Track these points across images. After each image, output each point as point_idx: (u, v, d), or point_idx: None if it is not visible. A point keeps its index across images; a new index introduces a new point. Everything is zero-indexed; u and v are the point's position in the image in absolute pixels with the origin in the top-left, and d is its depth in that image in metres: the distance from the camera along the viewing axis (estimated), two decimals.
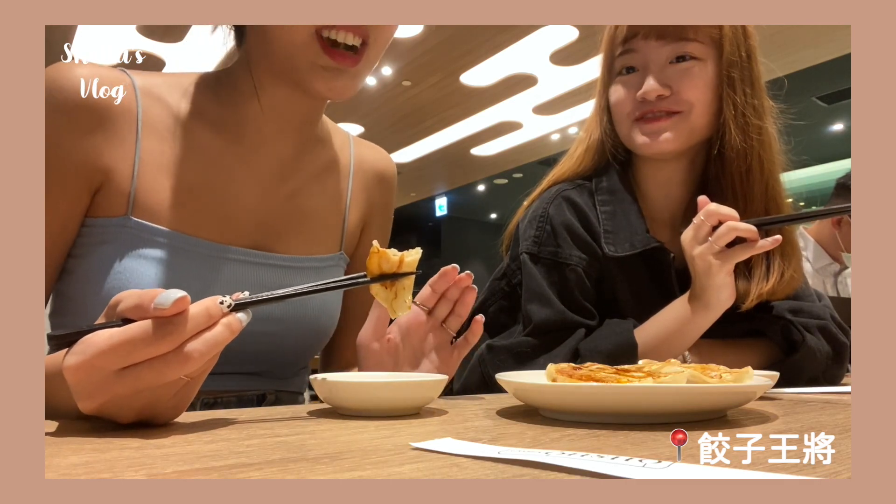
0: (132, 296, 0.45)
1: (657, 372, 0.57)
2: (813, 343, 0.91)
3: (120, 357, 0.43)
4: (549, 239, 0.96)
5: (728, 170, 0.94)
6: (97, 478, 0.33)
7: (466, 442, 0.41)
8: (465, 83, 5.74)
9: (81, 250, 0.71)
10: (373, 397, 0.56)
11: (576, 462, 0.33)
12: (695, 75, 0.91)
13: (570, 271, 0.94)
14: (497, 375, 0.59)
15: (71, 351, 0.44)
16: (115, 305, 0.46)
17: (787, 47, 4.70)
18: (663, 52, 0.92)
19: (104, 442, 0.42)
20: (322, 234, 0.84)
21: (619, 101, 0.96)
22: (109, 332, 0.43)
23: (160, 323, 0.43)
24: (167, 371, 0.44)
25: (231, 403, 0.76)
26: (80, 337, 0.44)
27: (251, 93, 0.76)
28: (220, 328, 0.46)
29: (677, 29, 0.91)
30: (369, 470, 0.34)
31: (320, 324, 0.82)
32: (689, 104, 0.92)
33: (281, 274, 0.78)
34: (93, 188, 0.70)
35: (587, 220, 0.97)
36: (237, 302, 0.48)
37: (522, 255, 0.98)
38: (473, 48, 5.08)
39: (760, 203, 0.94)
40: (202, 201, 0.74)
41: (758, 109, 0.94)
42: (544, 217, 0.98)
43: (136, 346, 0.43)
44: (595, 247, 0.96)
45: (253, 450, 0.39)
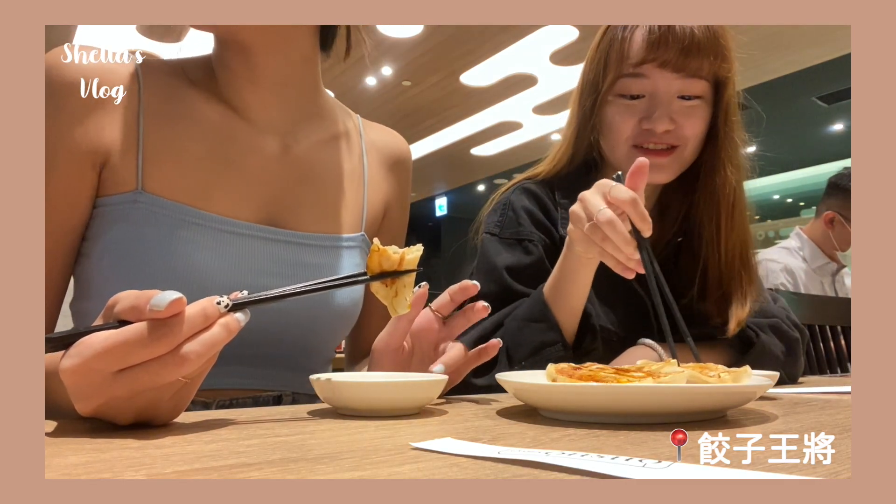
0: (129, 297, 0.45)
1: (657, 372, 0.57)
2: (766, 341, 0.94)
3: (116, 359, 0.42)
4: (511, 222, 1.00)
5: (717, 206, 0.96)
6: (97, 478, 0.33)
7: (466, 442, 0.41)
8: (465, 83, 5.75)
9: (95, 231, 0.72)
10: (373, 397, 0.56)
11: (576, 462, 0.33)
12: (696, 116, 0.93)
13: (533, 246, 0.97)
14: (497, 375, 0.59)
15: (67, 353, 0.43)
16: (112, 306, 0.46)
17: (788, 47, 4.71)
18: (674, 85, 0.91)
19: (104, 442, 0.42)
20: (339, 211, 0.84)
21: (621, 124, 0.94)
22: (105, 334, 0.43)
23: (156, 325, 0.42)
24: (164, 373, 0.43)
25: (247, 405, 0.76)
26: (76, 339, 0.44)
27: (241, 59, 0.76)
28: (217, 329, 0.45)
29: (694, 65, 0.90)
30: (369, 470, 0.34)
31: (340, 304, 0.81)
32: (687, 140, 0.93)
33: (297, 251, 0.77)
34: (97, 165, 0.70)
35: (546, 208, 1.01)
36: (235, 302, 0.48)
37: (483, 235, 1.01)
38: (473, 48, 5.08)
39: (740, 234, 0.97)
40: (210, 172, 0.74)
41: (740, 145, 0.98)
42: (507, 204, 1.02)
43: (132, 349, 0.42)
44: (553, 231, 0.99)
45: (253, 450, 0.39)
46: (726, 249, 0.95)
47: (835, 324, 1.81)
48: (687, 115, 0.92)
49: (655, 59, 0.90)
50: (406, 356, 0.71)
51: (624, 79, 0.93)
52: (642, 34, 0.91)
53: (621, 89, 0.94)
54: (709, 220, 0.96)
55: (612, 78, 0.94)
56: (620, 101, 0.94)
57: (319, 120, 0.85)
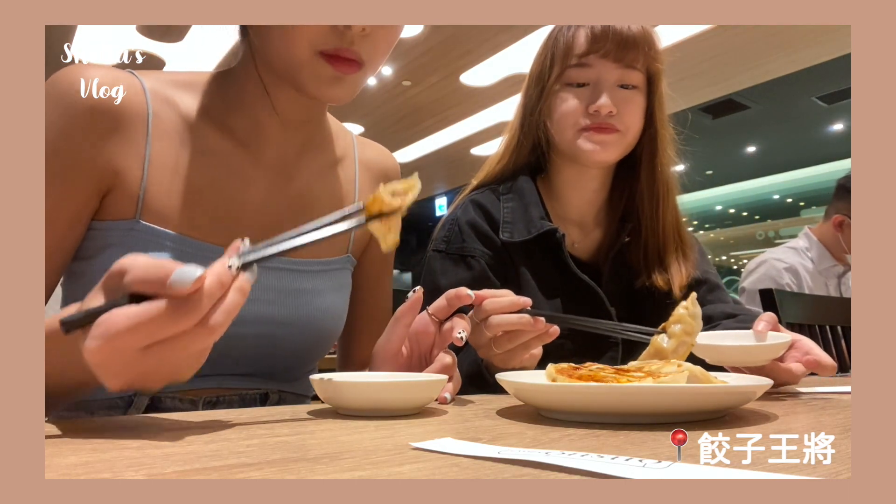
0: (138, 267, 0.44)
1: (657, 372, 0.57)
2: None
3: (143, 337, 0.43)
4: (456, 237, 1.05)
5: (657, 184, 1.08)
6: (97, 478, 0.33)
7: (466, 442, 0.41)
8: (465, 83, 5.74)
9: (88, 252, 0.71)
10: (373, 397, 0.56)
11: (576, 462, 0.33)
12: (635, 103, 1.03)
13: (475, 262, 1.02)
14: (497, 375, 0.59)
15: (91, 335, 0.43)
16: (118, 275, 0.45)
17: (788, 47, 4.70)
18: (614, 73, 1.02)
19: (104, 442, 0.42)
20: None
21: (569, 110, 1.03)
22: (127, 311, 0.43)
23: (180, 301, 0.43)
24: (192, 345, 0.44)
25: (234, 403, 0.76)
26: (94, 318, 0.44)
27: (258, 94, 0.76)
28: (233, 295, 0.46)
29: (631, 56, 1.01)
30: (369, 470, 0.34)
31: (325, 326, 0.82)
32: (627, 127, 1.03)
33: (287, 277, 0.78)
34: (102, 190, 0.70)
35: (491, 216, 1.06)
36: (244, 262, 0.48)
37: (430, 252, 1.06)
38: (473, 48, 5.08)
39: (674, 212, 1.10)
40: (210, 204, 0.73)
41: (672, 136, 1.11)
42: (454, 220, 1.08)
43: (159, 326, 0.43)
44: (496, 239, 1.04)
45: (253, 450, 0.39)
46: (664, 225, 1.08)
47: (836, 324, 1.81)
48: (626, 101, 1.02)
49: (598, 51, 1.01)
50: (405, 359, 0.72)
51: (570, 69, 1.03)
52: (585, 31, 1.02)
53: (567, 79, 1.04)
54: (650, 199, 1.08)
55: (560, 69, 1.04)
56: (567, 89, 1.04)
57: (321, 149, 0.85)
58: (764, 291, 1.64)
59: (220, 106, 0.77)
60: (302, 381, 0.86)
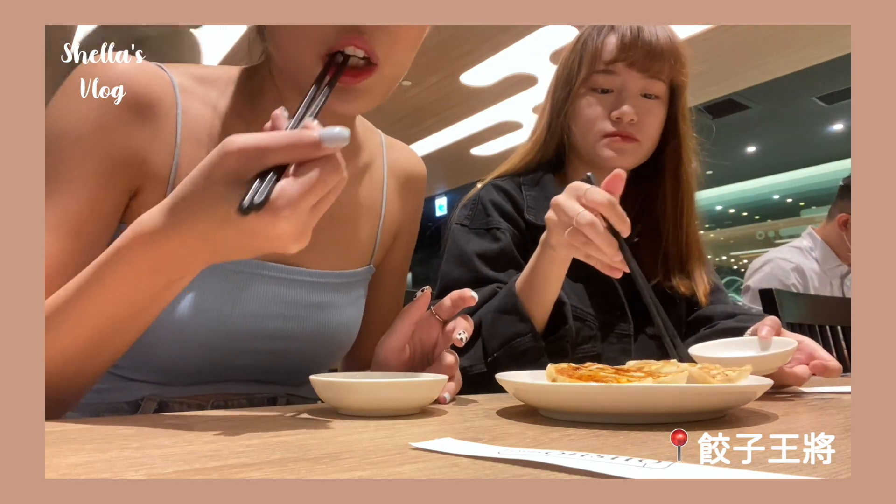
0: (267, 141, 0.48)
1: (657, 372, 0.57)
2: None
3: (313, 197, 0.49)
4: (480, 214, 1.07)
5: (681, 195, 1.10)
6: (97, 478, 0.33)
7: (466, 442, 0.41)
8: (465, 83, 5.74)
9: None
10: (373, 397, 0.56)
11: (576, 462, 0.33)
12: (655, 114, 1.06)
13: (501, 234, 1.03)
14: (497, 375, 0.59)
15: (279, 215, 0.47)
16: (231, 154, 0.48)
17: (787, 47, 4.70)
18: (639, 83, 1.04)
19: (104, 442, 0.42)
20: (355, 247, 0.83)
21: (593, 115, 1.05)
22: (293, 182, 0.48)
23: (329, 158, 0.49)
24: (335, 194, 0.51)
25: (242, 406, 0.75)
26: (264, 202, 0.46)
27: (277, 97, 0.74)
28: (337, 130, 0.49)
29: (657, 67, 1.03)
30: (369, 470, 0.34)
31: (340, 339, 0.81)
32: (645, 136, 1.05)
33: (306, 290, 0.76)
34: (132, 190, 0.68)
35: (514, 199, 1.09)
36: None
37: (454, 226, 1.07)
38: (473, 48, 5.08)
39: (694, 223, 1.12)
40: None
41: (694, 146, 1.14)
42: (476, 199, 1.10)
43: (325, 184, 0.49)
44: (520, 221, 1.06)
45: (253, 450, 0.39)
46: (687, 234, 1.10)
47: (836, 324, 1.81)
48: (647, 111, 1.04)
49: (626, 59, 1.03)
50: (408, 359, 0.72)
51: (596, 74, 1.05)
52: (615, 38, 1.04)
53: (593, 83, 1.06)
54: (674, 207, 1.09)
55: (586, 73, 1.06)
56: (592, 94, 1.06)
57: (348, 156, 0.80)
58: (764, 292, 1.64)
59: (247, 107, 0.74)
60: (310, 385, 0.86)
